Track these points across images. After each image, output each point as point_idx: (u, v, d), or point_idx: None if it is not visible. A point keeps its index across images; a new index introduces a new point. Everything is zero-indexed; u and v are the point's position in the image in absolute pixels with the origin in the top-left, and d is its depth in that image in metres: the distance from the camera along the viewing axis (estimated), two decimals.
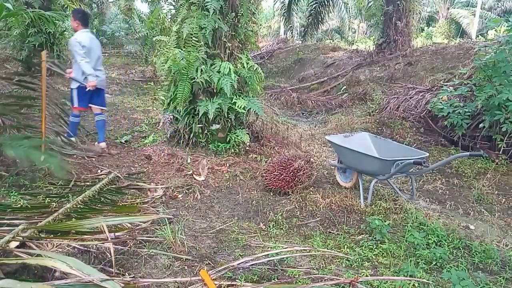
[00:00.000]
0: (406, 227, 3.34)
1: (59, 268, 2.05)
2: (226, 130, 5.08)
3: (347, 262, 2.82)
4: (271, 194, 4.03)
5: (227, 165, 4.68)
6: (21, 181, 3.88)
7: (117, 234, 2.76)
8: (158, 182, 4.12)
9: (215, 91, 4.88)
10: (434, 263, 2.85)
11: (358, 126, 6.72)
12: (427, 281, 2.55)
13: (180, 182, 4.14)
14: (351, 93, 9.22)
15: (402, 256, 2.95)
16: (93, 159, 4.70)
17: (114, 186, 3.89)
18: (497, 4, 26.57)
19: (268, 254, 2.68)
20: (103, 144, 4.98)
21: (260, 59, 14.29)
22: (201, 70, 4.71)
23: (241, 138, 4.94)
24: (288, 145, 5.56)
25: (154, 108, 7.47)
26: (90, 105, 4.93)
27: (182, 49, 4.70)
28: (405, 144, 5.33)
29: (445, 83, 6.77)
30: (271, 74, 13.12)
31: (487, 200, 4.18)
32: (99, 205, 3.35)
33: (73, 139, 4.93)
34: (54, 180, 3.98)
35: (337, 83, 10.26)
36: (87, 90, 4.69)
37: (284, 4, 14.68)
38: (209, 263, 2.66)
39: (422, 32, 23.16)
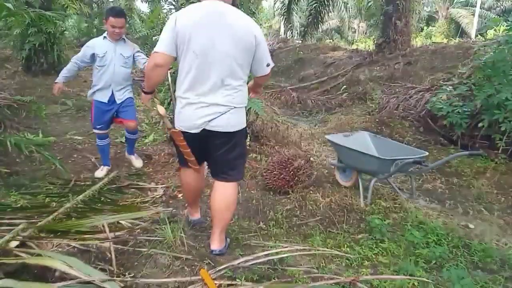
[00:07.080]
0: (405, 226, 3.35)
1: (59, 268, 2.05)
2: None
3: (347, 261, 2.82)
4: (271, 193, 4.02)
5: None
6: (21, 181, 3.89)
7: (117, 233, 2.76)
8: (158, 182, 4.12)
9: None
10: (433, 262, 2.86)
11: (358, 126, 6.71)
12: (427, 280, 2.55)
13: (180, 182, 4.13)
14: (351, 92, 9.21)
15: (402, 255, 2.95)
16: (92, 159, 4.70)
17: (114, 185, 3.88)
18: (497, 3, 26.60)
19: (268, 254, 2.67)
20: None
21: None
22: None
23: None
24: (288, 144, 5.55)
25: (154, 108, 7.46)
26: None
27: None
28: (405, 143, 5.33)
29: (445, 83, 6.77)
30: (271, 73, 13.09)
31: (486, 199, 4.19)
32: (99, 205, 3.34)
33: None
34: (54, 179, 3.99)
35: (337, 83, 10.26)
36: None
37: (284, 3, 14.65)
38: (209, 262, 2.65)
39: (422, 31, 23.17)
